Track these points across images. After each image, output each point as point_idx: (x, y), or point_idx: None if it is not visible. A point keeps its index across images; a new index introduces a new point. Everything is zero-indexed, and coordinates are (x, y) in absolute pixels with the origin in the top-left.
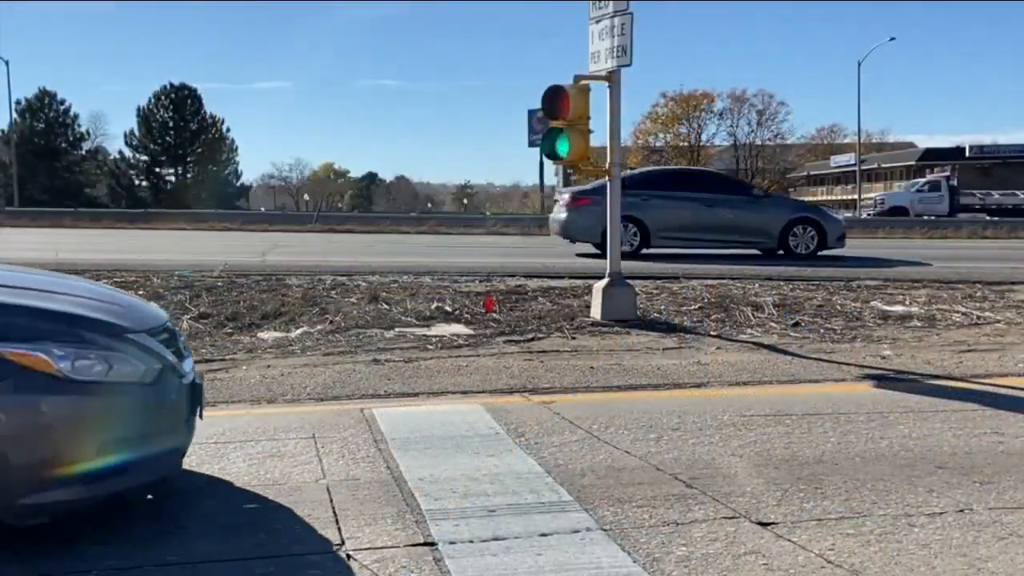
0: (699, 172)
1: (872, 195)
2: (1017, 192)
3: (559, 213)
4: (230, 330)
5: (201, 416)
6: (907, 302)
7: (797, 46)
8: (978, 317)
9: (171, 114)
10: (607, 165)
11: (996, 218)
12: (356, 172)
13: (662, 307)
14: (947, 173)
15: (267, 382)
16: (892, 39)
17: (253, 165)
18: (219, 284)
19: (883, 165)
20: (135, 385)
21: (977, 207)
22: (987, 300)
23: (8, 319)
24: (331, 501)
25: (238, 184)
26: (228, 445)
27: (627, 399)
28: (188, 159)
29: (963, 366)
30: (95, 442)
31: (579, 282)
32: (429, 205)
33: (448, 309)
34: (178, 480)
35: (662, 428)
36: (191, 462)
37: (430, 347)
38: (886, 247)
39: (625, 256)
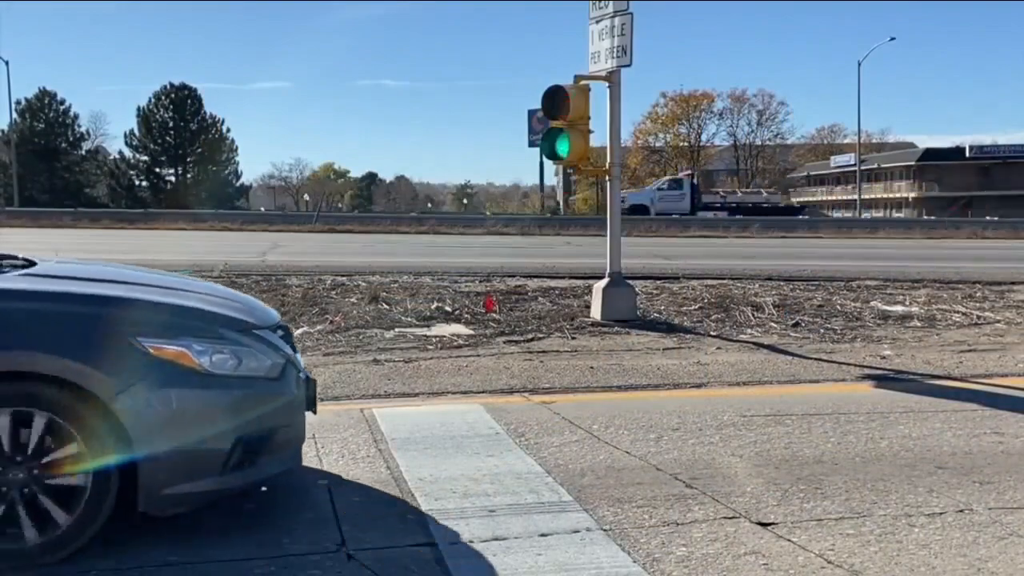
0: None
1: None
2: (761, 190)
3: None
4: None
5: (314, 411)
6: (907, 302)
7: (797, 46)
8: (978, 317)
9: (171, 114)
10: (607, 165)
11: (739, 216)
12: (356, 172)
13: (662, 307)
14: (690, 172)
15: None
16: (892, 39)
17: (253, 165)
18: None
19: (883, 165)
20: (263, 380)
21: (718, 205)
22: (987, 300)
23: (150, 316)
24: (332, 501)
25: (238, 184)
26: None
27: (627, 399)
28: (188, 159)
29: (963, 366)
30: (230, 435)
31: (579, 282)
32: (429, 205)
33: (448, 309)
34: None
35: (662, 428)
36: None
37: (430, 347)
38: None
39: None
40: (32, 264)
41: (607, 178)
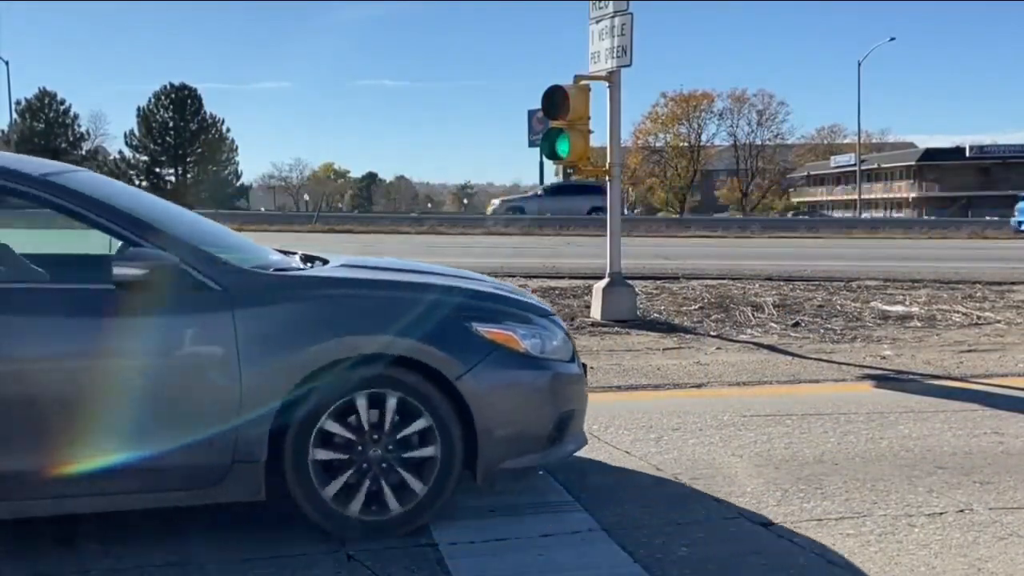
0: None
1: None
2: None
3: None
4: None
5: None
6: (907, 302)
7: (797, 46)
8: (978, 317)
9: (171, 114)
10: (607, 165)
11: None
12: (356, 172)
13: (662, 307)
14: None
15: None
16: (892, 39)
17: (253, 165)
18: None
19: (883, 165)
20: (563, 362)
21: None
22: (987, 300)
23: (476, 302)
24: None
25: (238, 184)
26: None
27: (627, 399)
28: (188, 159)
29: (963, 366)
30: (552, 414)
31: (579, 282)
32: (429, 205)
33: None
34: None
35: (662, 428)
36: None
37: None
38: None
39: None
40: (327, 261)
41: (607, 178)
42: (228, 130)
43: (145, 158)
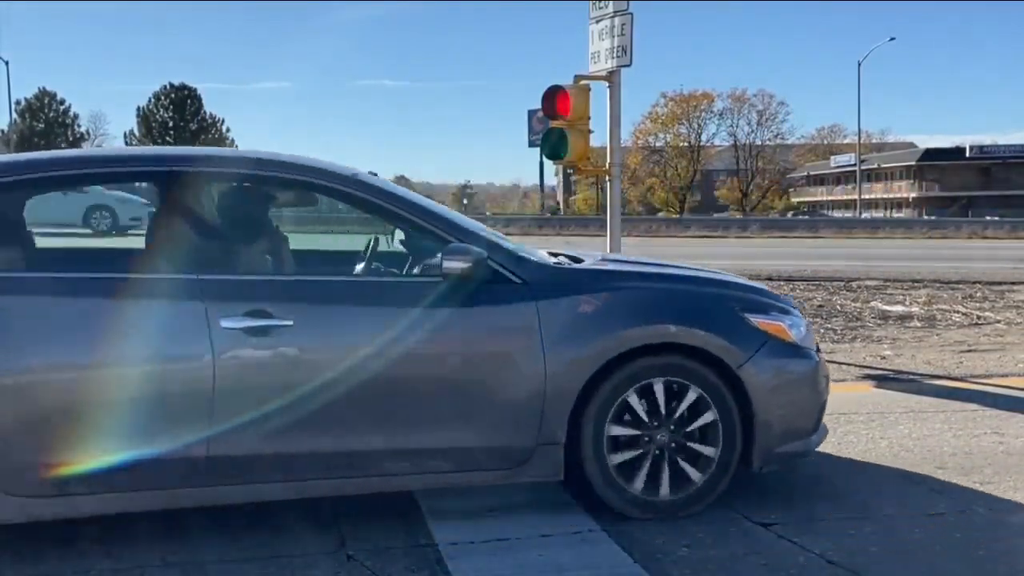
0: None
1: None
2: None
3: None
4: None
5: None
6: (907, 302)
7: (797, 46)
8: (978, 317)
9: (171, 114)
10: (607, 165)
11: None
12: None
13: None
14: None
15: None
16: (892, 39)
17: None
18: None
19: (883, 165)
20: (816, 352)
21: None
22: (987, 300)
23: (746, 295)
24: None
25: None
26: None
27: None
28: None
29: (963, 366)
30: (816, 402)
31: None
32: None
33: None
34: None
35: None
36: None
37: None
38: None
39: None
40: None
41: (607, 178)
42: (228, 130)
43: None
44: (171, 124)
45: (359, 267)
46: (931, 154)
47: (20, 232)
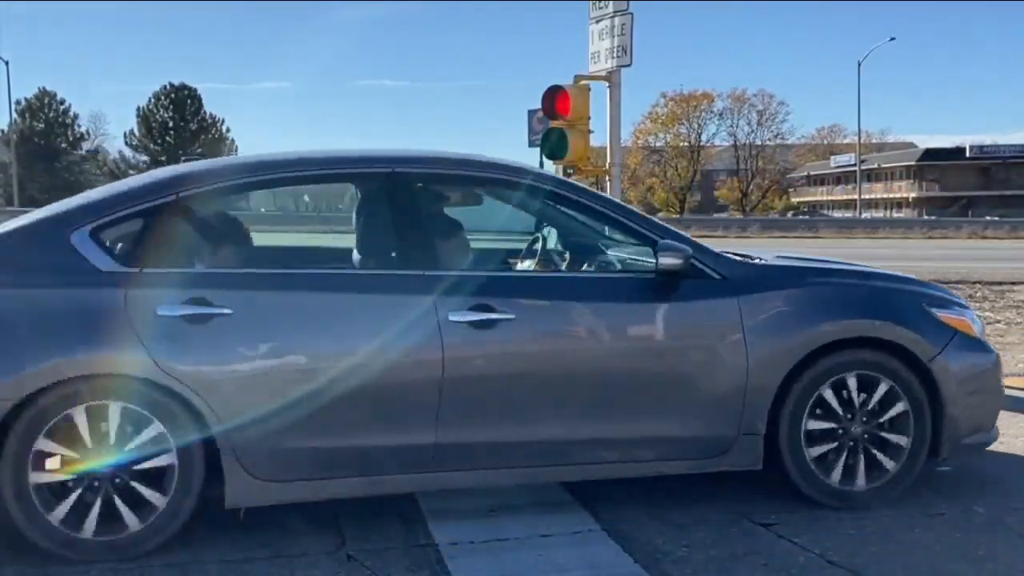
0: None
1: None
2: None
3: None
4: None
5: None
6: None
7: (797, 46)
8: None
9: (171, 114)
10: (607, 165)
11: None
12: None
13: None
14: None
15: None
16: (892, 39)
17: None
18: None
19: (883, 165)
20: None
21: None
22: (987, 300)
23: (927, 291)
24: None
25: None
26: None
27: None
28: (188, 159)
29: None
30: (999, 395)
31: None
32: None
33: None
34: None
35: None
36: None
37: None
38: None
39: None
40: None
41: (607, 178)
42: (228, 130)
43: (145, 158)
44: (171, 124)
45: (526, 263)
46: (931, 154)
47: (242, 231)
